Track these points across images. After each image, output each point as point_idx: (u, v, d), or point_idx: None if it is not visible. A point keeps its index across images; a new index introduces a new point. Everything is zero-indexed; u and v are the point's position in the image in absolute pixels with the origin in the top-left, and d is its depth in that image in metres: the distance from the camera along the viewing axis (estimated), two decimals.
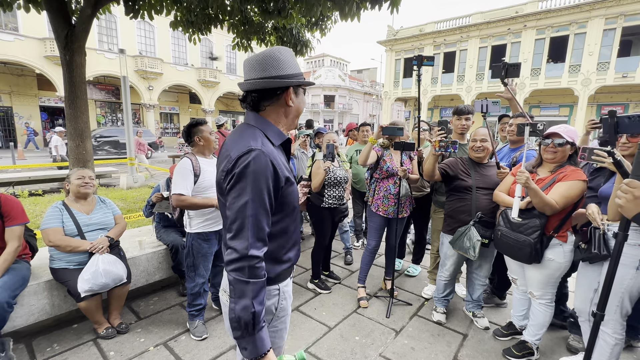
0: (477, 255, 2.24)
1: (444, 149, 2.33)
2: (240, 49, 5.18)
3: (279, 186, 1.00)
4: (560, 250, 1.99)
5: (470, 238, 2.27)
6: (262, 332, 0.95)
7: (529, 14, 19.62)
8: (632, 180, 1.05)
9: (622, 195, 1.05)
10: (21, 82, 17.30)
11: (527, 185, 1.90)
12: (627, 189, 1.04)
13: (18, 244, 2.09)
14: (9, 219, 2.08)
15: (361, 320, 2.65)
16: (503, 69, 2.21)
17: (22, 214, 2.15)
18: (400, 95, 26.15)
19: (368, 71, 50.47)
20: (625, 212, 1.06)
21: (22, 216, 2.14)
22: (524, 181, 1.90)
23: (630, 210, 1.03)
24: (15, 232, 2.09)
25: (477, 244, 2.23)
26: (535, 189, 1.91)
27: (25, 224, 2.20)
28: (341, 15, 3.49)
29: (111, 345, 2.23)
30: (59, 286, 2.32)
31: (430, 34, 23.71)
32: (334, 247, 4.06)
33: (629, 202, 1.03)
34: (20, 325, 2.19)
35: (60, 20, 3.51)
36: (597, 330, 1.31)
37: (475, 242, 2.24)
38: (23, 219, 2.15)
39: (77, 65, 3.65)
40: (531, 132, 1.97)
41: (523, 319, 2.37)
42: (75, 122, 3.72)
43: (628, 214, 1.05)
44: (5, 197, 2.11)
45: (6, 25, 15.26)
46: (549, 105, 21.21)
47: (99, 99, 20.23)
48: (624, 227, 1.19)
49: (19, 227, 2.11)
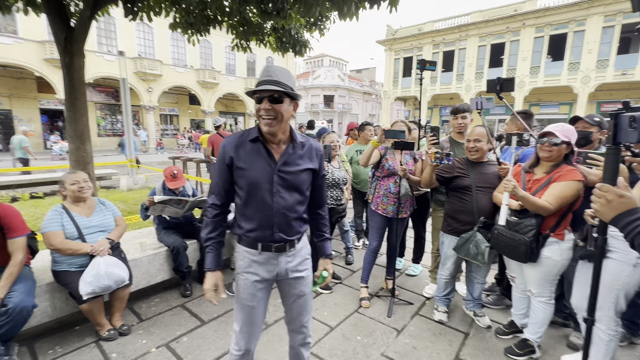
0: (487, 261, 2.24)
1: (439, 160, 2.35)
2: (239, 49, 5.18)
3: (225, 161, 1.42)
4: (556, 248, 1.99)
5: (477, 245, 2.25)
6: (207, 255, 1.47)
7: (528, 12, 19.63)
8: (603, 185, 1.04)
9: (596, 199, 1.05)
10: (21, 85, 17.30)
11: (515, 193, 1.92)
12: (600, 194, 1.04)
13: (23, 255, 2.08)
14: (9, 230, 2.05)
15: (363, 319, 2.65)
16: (498, 84, 2.32)
17: (22, 225, 2.12)
18: (400, 94, 26.15)
19: (367, 71, 50.46)
20: (602, 216, 1.06)
21: (22, 227, 2.12)
22: (511, 189, 1.92)
23: (606, 214, 1.03)
24: (19, 244, 2.08)
25: (486, 250, 2.22)
26: (524, 196, 1.92)
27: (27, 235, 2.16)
28: (340, 15, 3.49)
29: (113, 347, 2.24)
30: (60, 288, 2.32)
31: (429, 33, 23.72)
32: (335, 247, 4.06)
33: (604, 207, 1.03)
34: (23, 327, 2.19)
35: (59, 22, 3.51)
36: (590, 333, 1.32)
37: (483, 248, 2.23)
38: (24, 230, 2.12)
39: (76, 68, 3.66)
40: (518, 142, 2.05)
41: (523, 317, 2.37)
42: (75, 125, 3.73)
43: (605, 217, 1.04)
44: (4, 208, 2.07)
45: (5, 28, 15.26)
46: (548, 103, 21.21)
47: (99, 101, 20.24)
48: (602, 230, 1.19)
49: (22, 239, 2.10)
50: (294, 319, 1.63)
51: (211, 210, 1.47)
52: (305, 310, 1.62)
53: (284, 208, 1.43)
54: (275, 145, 1.43)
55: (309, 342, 1.69)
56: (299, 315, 1.62)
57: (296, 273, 1.55)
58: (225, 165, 1.42)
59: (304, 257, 1.59)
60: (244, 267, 1.49)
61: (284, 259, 1.50)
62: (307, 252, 1.62)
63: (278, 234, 1.45)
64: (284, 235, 1.46)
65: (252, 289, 1.48)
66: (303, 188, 1.48)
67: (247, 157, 1.40)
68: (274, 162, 1.41)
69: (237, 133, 1.46)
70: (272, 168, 1.40)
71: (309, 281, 1.62)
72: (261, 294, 1.51)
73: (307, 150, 1.49)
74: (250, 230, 1.45)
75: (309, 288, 1.62)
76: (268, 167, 1.39)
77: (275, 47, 5.23)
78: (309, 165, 1.49)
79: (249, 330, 1.52)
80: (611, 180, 1.06)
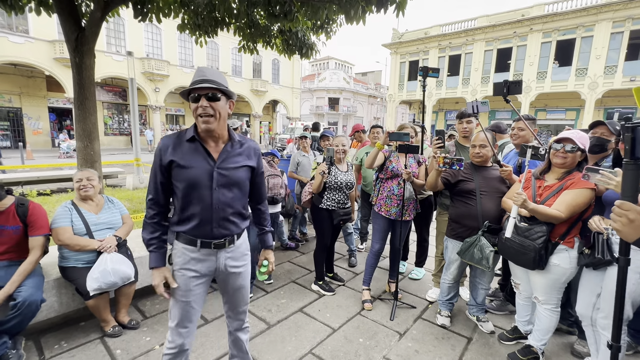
0: (491, 266, 2.23)
1: (449, 165, 2.27)
2: (246, 51, 5.22)
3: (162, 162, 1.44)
4: (566, 256, 1.97)
5: (481, 249, 2.23)
6: (151, 254, 1.49)
7: (535, 17, 19.56)
8: (623, 203, 0.96)
9: (617, 218, 0.97)
10: (31, 84, 17.56)
11: (525, 207, 1.87)
12: (621, 212, 0.96)
13: (40, 253, 2.15)
14: (33, 228, 2.12)
15: (365, 322, 2.65)
16: (505, 86, 2.29)
17: (45, 225, 2.20)
18: (405, 98, 26.14)
19: (373, 74, 50.49)
20: (624, 236, 0.98)
21: (45, 227, 2.19)
22: (521, 203, 1.86)
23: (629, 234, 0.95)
24: (39, 241, 2.14)
25: (490, 255, 2.20)
26: (535, 208, 1.88)
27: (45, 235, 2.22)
28: (347, 18, 3.51)
29: (117, 344, 2.26)
30: (67, 284, 2.36)
31: (436, 37, 23.71)
32: (339, 249, 4.06)
33: (625, 227, 0.95)
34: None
35: (70, 23, 3.57)
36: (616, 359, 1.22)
37: (488, 253, 2.21)
38: (45, 229, 2.19)
39: (86, 68, 3.71)
40: (532, 155, 1.99)
41: (527, 323, 2.35)
42: (83, 123, 3.78)
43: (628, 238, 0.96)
44: (34, 207, 2.16)
45: (17, 27, 15.52)
46: (555, 108, 21.08)
47: (106, 101, 20.47)
48: (625, 251, 1.11)
49: (42, 238, 2.16)
50: (232, 308, 1.72)
51: (150, 211, 1.50)
52: (242, 301, 1.71)
53: (223, 204, 1.48)
54: (213, 144, 1.49)
55: (246, 327, 1.79)
56: (237, 306, 1.71)
57: (235, 269, 1.60)
58: (161, 166, 1.44)
59: (243, 252, 1.65)
60: (181, 263, 1.51)
61: (223, 255, 1.55)
62: (246, 247, 1.69)
63: (218, 230, 1.49)
64: (223, 231, 1.51)
65: (188, 284, 1.51)
66: (242, 185, 1.55)
67: (186, 156, 1.43)
68: (213, 160, 1.46)
69: (173, 134, 1.50)
70: (212, 166, 1.45)
71: (247, 275, 1.69)
72: (198, 289, 1.54)
73: (246, 149, 1.57)
74: (189, 228, 1.47)
75: (247, 281, 1.70)
76: (207, 165, 1.44)
77: (281, 49, 5.26)
78: (247, 163, 1.56)
79: (184, 327, 1.54)
80: (631, 198, 0.99)
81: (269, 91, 27.31)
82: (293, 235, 4.47)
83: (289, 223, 4.44)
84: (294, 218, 4.35)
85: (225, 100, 1.43)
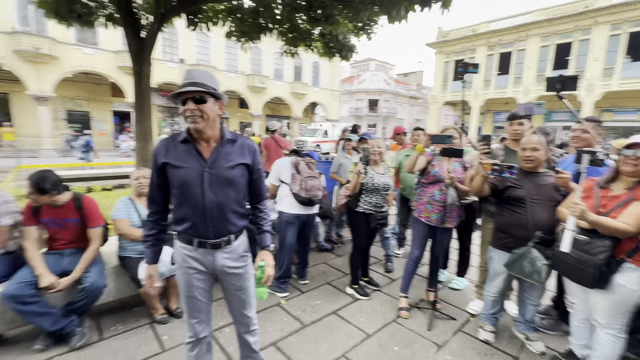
0: (543, 280, 2.04)
1: (499, 173, 2.11)
2: (288, 55, 5.37)
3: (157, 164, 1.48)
4: (634, 276, 1.74)
5: (532, 262, 2.05)
6: (146, 251, 1.60)
7: (601, 8, 17.63)
8: None
9: None
10: (98, 90, 19.68)
11: (584, 219, 1.69)
12: None
13: (100, 242, 2.41)
14: (90, 220, 2.38)
15: (401, 330, 2.58)
16: (559, 81, 2.07)
17: (100, 216, 2.46)
18: (449, 99, 25.00)
19: (414, 74, 49.07)
20: None
21: (100, 218, 2.45)
22: (579, 214, 1.68)
23: None
24: (98, 232, 2.40)
25: (543, 268, 2.01)
26: (596, 220, 1.69)
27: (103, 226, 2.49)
28: (389, 19, 3.46)
29: (165, 330, 2.44)
30: (123, 272, 2.60)
31: (484, 34, 22.40)
32: (375, 253, 4.00)
33: None
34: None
35: (132, 35, 3.94)
36: None
37: (540, 266, 2.02)
38: (101, 220, 2.45)
39: (144, 75, 4.07)
40: (591, 161, 1.80)
41: (584, 347, 2.11)
42: (141, 126, 4.15)
43: None
44: (87, 201, 2.41)
45: (88, 40, 17.51)
46: (624, 108, 18.79)
47: (160, 105, 22.21)
48: None
49: (100, 228, 2.42)
50: (235, 310, 1.72)
51: (149, 210, 1.59)
52: (246, 303, 1.69)
53: (215, 204, 1.48)
54: (205, 144, 1.50)
55: (253, 329, 1.77)
56: (240, 308, 1.70)
57: (233, 270, 1.60)
58: (157, 167, 1.49)
59: (241, 254, 1.63)
60: (181, 262, 1.58)
61: (220, 255, 1.56)
62: (245, 249, 1.66)
63: (212, 230, 1.51)
64: (218, 231, 1.52)
65: (191, 280, 1.57)
66: (237, 184, 1.53)
67: (179, 157, 1.47)
68: (204, 160, 1.47)
69: (168, 137, 1.55)
70: (202, 166, 1.46)
71: (248, 276, 1.67)
72: (201, 284, 1.59)
73: (239, 147, 1.55)
74: (185, 227, 1.52)
75: (248, 283, 1.67)
76: (198, 165, 1.46)
77: (322, 52, 5.33)
78: (241, 160, 1.54)
79: (195, 317, 1.61)
80: None
81: (309, 94, 27.71)
82: (329, 237, 4.49)
83: (325, 225, 4.46)
84: (330, 220, 4.37)
85: (214, 101, 1.44)
